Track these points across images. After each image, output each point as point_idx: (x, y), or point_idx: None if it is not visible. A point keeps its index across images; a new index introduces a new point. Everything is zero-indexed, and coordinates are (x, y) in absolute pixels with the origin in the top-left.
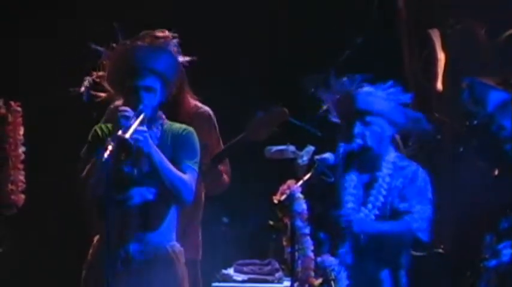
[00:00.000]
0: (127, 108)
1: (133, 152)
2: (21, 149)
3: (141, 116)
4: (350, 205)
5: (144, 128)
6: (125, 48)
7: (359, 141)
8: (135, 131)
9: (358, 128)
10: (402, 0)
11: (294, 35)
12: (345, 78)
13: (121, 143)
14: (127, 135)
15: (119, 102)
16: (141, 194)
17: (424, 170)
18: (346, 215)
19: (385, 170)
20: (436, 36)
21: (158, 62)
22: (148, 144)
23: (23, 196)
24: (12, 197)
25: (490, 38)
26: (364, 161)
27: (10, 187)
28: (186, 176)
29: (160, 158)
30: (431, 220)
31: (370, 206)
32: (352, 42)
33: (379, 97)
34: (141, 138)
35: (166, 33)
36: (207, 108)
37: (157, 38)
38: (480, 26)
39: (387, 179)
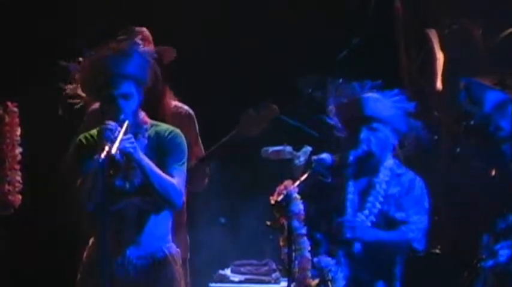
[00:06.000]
0: (110, 121)
1: (122, 167)
2: (18, 150)
3: (125, 125)
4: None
5: (130, 135)
6: (93, 59)
7: (364, 147)
8: (122, 141)
9: (364, 134)
10: (400, 0)
11: (291, 35)
12: (354, 83)
13: (108, 159)
14: (113, 151)
15: (96, 105)
16: (135, 205)
17: (421, 179)
18: (349, 222)
19: (382, 176)
20: (434, 36)
21: (129, 66)
22: (137, 151)
23: (19, 197)
24: (9, 197)
25: (486, 38)
26: (363, 166)
27: (7, 187)
28: (175, 180)
29: (150, 164)
30: (427, 230)
31: (367, 212)
32: (349, 42)
33: (386, 104)
34: (128, 145)
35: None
36: (186, 107)
37: (121, 41)
38: (477, 26)
39: (384, 185)
